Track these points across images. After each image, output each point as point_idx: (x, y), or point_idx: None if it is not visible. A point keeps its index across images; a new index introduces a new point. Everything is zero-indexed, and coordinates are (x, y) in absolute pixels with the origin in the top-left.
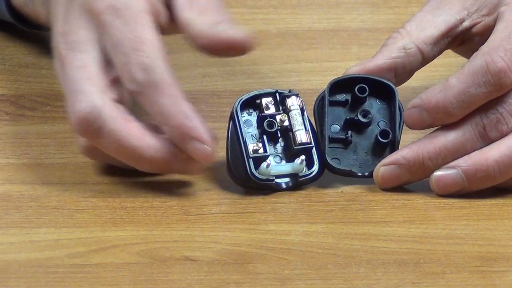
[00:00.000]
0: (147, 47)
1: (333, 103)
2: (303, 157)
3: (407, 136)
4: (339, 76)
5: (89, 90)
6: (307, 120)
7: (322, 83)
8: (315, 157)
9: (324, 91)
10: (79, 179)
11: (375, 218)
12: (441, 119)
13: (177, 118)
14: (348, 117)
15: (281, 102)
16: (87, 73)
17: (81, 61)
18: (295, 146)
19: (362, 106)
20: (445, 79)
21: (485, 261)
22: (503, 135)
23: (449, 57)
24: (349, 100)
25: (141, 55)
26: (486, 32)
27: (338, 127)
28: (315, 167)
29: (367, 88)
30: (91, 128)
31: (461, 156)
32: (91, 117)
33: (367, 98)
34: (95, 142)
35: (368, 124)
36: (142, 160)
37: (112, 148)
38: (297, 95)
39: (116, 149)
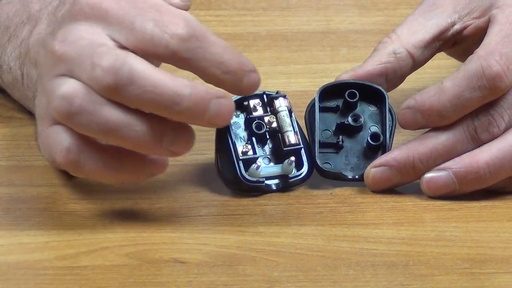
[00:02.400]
0: (167, 5)
1: (324, 109)
2: (292, 158)
3: (397, 138)
4: (329, 82)
5: (107, 47)
6: (295, 122)
7: (311, 85)
8: (304, 158)
9: (314, 97)
10: (68, 181)
11: (365, 220)
12: (434, 122)
13: (234, 59)
14: (339, 122)
15: (268, 104)
16: (99, 41)
17: (90, 38)
18: (285, 147)
19: (354, 111)
20: (440, 81)
21: (474, 263)
22: (494, 137)
23: (439, 59)
24: (340, 106)
25: (172, 12)
26: (478, 34)
27: (330, 133)
28: (305, 168)
29: (357, 93)
30: (121, 74)
31: (452, 158)
32: (119, 63)
33: (359, 104)
34: (124, 94)
35: (359, 129)
36: (178, 101)
37: (144, 93)
38: (284, 97)
39: (150, 92)
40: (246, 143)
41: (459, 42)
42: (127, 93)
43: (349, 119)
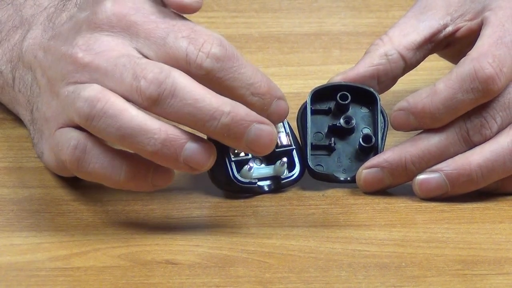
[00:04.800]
0: (198, 25)
1: (316, 112)
2: (285, 159)
3: (389, 139)
4: (320, 85)
5: (147, 60)
6: (287, 123)
7: (303, 86)
8: (296, 159)
9: (306, 100)
10: (61, 182)
11: (357, 222)
12: (427, 123)
13: (264, 82)
14: (331, 124)
15: None
16: (132, 53)
17: (120, 49)
18: (276, 148)
19: (346, 113)
20: (433, 83)
21: (466, 265)
22: (486, 140)
23: (431, 61)
24: (332, 108)
25: (205, 31)
26: (471, 36)
27: (322, 135)
28: (296, 170)
29: (348, 95)
30: (164, 86)
31: (444, 160)
32: (163, 76)
33: (351, 106)
34: (165, 106)
35: (351, 131)
36: (216, 117)
37: (184, 106)
38: None
39: (190, 105)
40: None
41: (451, 44)
42: (168, 106)
43: (341, 121)
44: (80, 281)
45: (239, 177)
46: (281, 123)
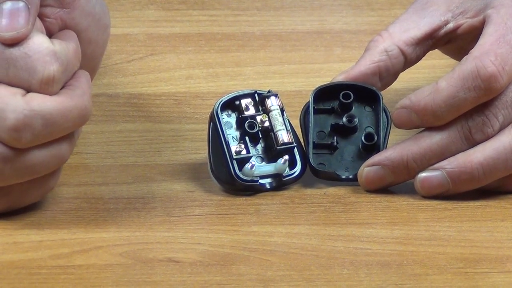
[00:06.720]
0: None
1: (319, 111)
2: (286, 157)
3: (391, 137)
4: (323, 84)
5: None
6: (287, 120)
7: (305, 85)
8: (297, 156)
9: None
10: (63, 180)
11: (358, 220)
12: (429, 121)
13: None
14: (333, 123)
15: (260, 103)
16: None
17: None
18: (278, 146)
19: (349, 112)
20: (435, 81)
21: (468, 263)
22: (488, 138)
23: (433, 59)
24: (335, 108)
25: None
26: (472, 33)
27: (325, 134)
28: (298, 167)
29: (351, 94)
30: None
31: (446, 158)
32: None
33: (354, 105)
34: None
35: (354, 130)
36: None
37: (60, 126)
38: (276, 95)
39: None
40: (239, 143)
41: (452, 41)
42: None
43: (344, 119)
44: (82, 279)
45: (241, 175)
46: (282, 120)
